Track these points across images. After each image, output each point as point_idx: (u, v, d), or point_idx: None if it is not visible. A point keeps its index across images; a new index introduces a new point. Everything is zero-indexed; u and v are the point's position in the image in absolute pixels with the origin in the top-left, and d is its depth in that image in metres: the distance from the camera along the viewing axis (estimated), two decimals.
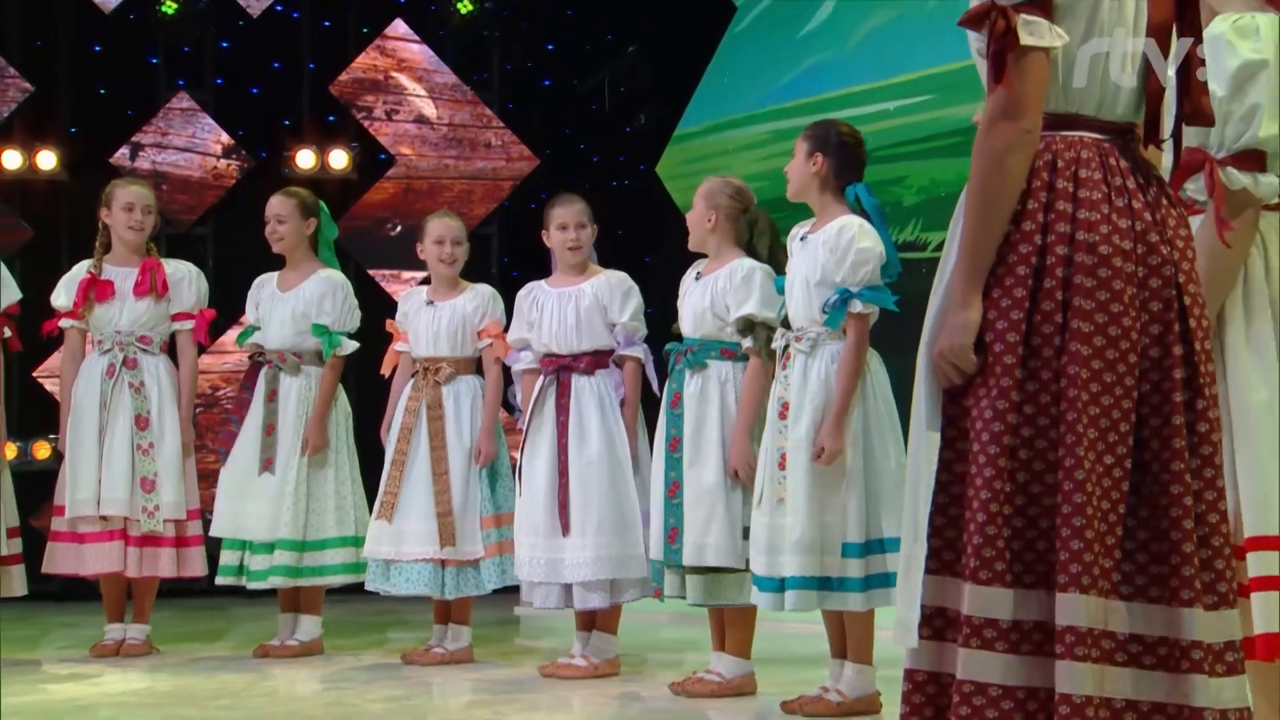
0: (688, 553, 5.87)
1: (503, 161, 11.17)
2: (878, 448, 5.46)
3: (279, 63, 11.20)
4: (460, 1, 11.05)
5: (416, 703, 6.09)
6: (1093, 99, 3.11)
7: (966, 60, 9.75)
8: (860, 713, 5.47)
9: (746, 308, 5.87)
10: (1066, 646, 2.93)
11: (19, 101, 10.83)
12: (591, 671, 6.50)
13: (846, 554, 5.38)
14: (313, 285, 7.37)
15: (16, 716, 5.95)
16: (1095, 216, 3.03)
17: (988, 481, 2.99)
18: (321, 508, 7.28)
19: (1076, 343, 2.99)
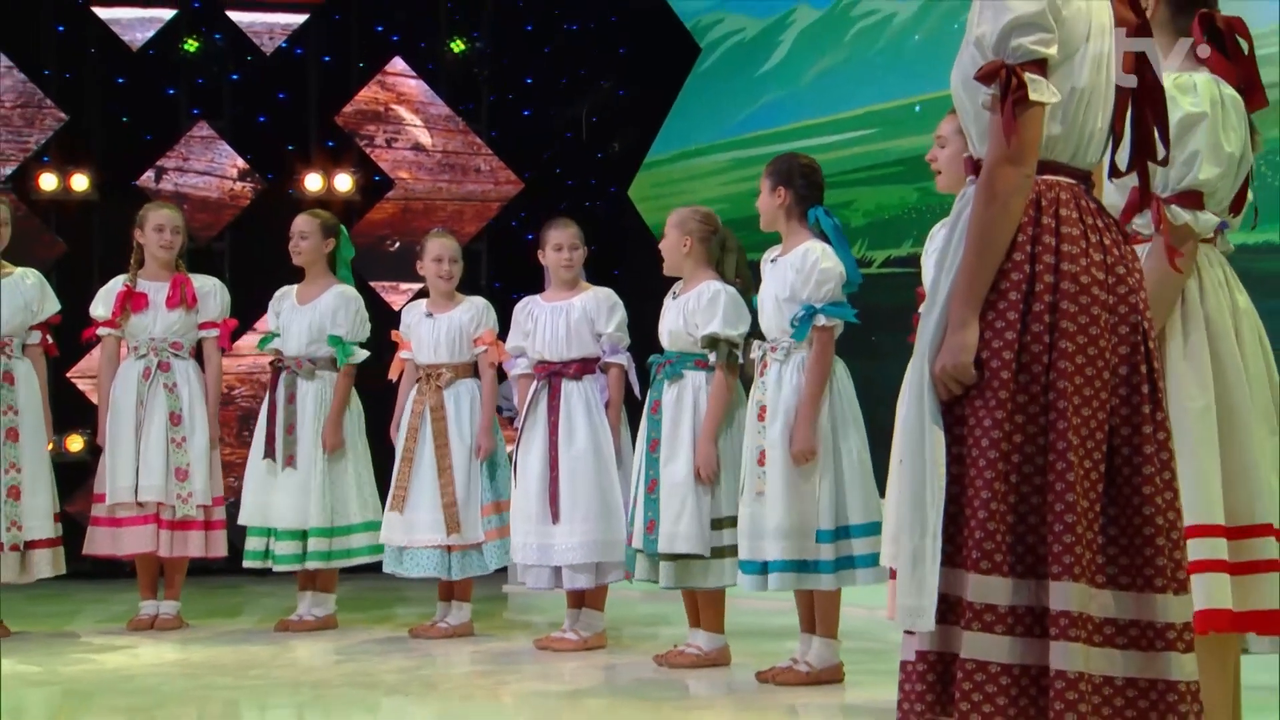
0: (662, 541, 5.89)
1: (491, 185, 11.16)
2: (843, 444, 5.49)
3: (289, 95, 11.17)
4: (453, 41, 11.08)
5: (426, 672, 6.10)
6: (1069, 148, 3.14)
7: (905, 99, 9.86)
8: (826, 681, 5.51)
9: (711, 327, 5.90)
10: (1061, 629, 2.95)
11: (54, 130, 10.79)
12: (581, 645, 6.52)
13: (820, 539, 5.41)
14: (329, 299, 7.37)
15: (72, 683, 5.96)
16: (1075, 250, 3.07)
17: (988, 483, 3.01)
18: (345, 497, 7.30)
19: (1064, 360, 3.02)
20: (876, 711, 5.04)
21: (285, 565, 7.29)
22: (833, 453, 5.46)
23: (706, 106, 10.71)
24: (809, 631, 5.59)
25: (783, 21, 10.30)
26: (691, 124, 10.80)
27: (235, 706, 5.56)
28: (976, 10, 3.09)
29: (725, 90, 10.59)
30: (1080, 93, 3.12)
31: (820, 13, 10.10)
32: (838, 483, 5.45)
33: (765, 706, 5.19)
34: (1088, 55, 3.12)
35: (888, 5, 9.74)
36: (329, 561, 7.27)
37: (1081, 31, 3.10)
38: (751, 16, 10.50)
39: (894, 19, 9.71)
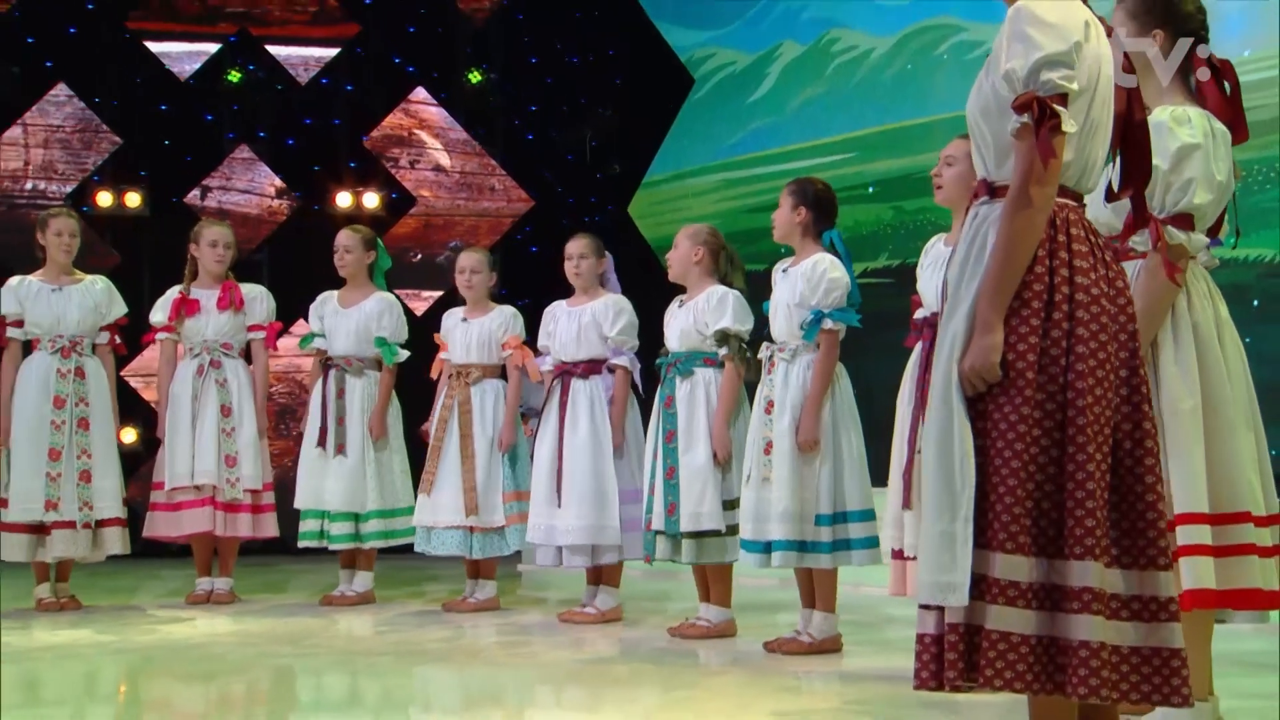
0: (685, 520, 5.88)
1: (504, 202, 11.19)
2: (843, 437, 5.47)
3: (321, 121, 11.15)
4: (470, 73, 11.08)
5: (465, 642, 6.10)
6: (1075, 174, 3.15)
7: (880, 126, 9.86)
8: (827, 650, 5.51)
9: (722, 323, 5.92)
10: (1084, 603, 2.95)
11: (110, 152, 10.79)
12: (600, 618, 6.51)
13: (819, 523, 5.41)
14: (372, 304, 7.40)
15: (147, 651, 5.94)
16: (1086, 265, 3.08)
17: (1013, 471, 3.02)
18: (394, 482, 7.34)
19: (1080, 363, 3.03)
20: (873, 677, 5.04)
21: (340, 544, 7.29)
22: (833, 444, 5.45)
23: (700, 132, 10.74)
24: (810, 606, 5.58)
25: (769, 56, 10.33)
26: (686, 148, 10.83)
27: (301, 673, 5.52)
28: (1005, 47, 3.09)
29: (717, 117, 10.62)
30: (1090, 124, 3.14)
31: (804, 48, 10.14)
32: (836, 471, 5.44)
33: (772, 673, 5.17)
34: (1098, 92, 3.14)
35: (865, 42, 9.78)
36: (386, 540, 7.31)
37: (1095, 69, 3.12)
38: (741, 51, 10.53)
39: (870, 54, 9.74)
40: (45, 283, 7.22)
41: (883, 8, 9.68)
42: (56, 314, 7.15)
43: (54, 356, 7.11)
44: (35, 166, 10.74)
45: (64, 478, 7.02)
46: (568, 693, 5.00)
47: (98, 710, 4.96)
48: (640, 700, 4.74)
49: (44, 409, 7.04)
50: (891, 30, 9.61)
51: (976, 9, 9.16)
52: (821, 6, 10.05)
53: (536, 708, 4.88)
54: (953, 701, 4.50)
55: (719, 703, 4.59)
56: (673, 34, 10.96)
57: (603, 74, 11.55)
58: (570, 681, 5.17)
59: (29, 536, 7.02)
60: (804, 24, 10.13)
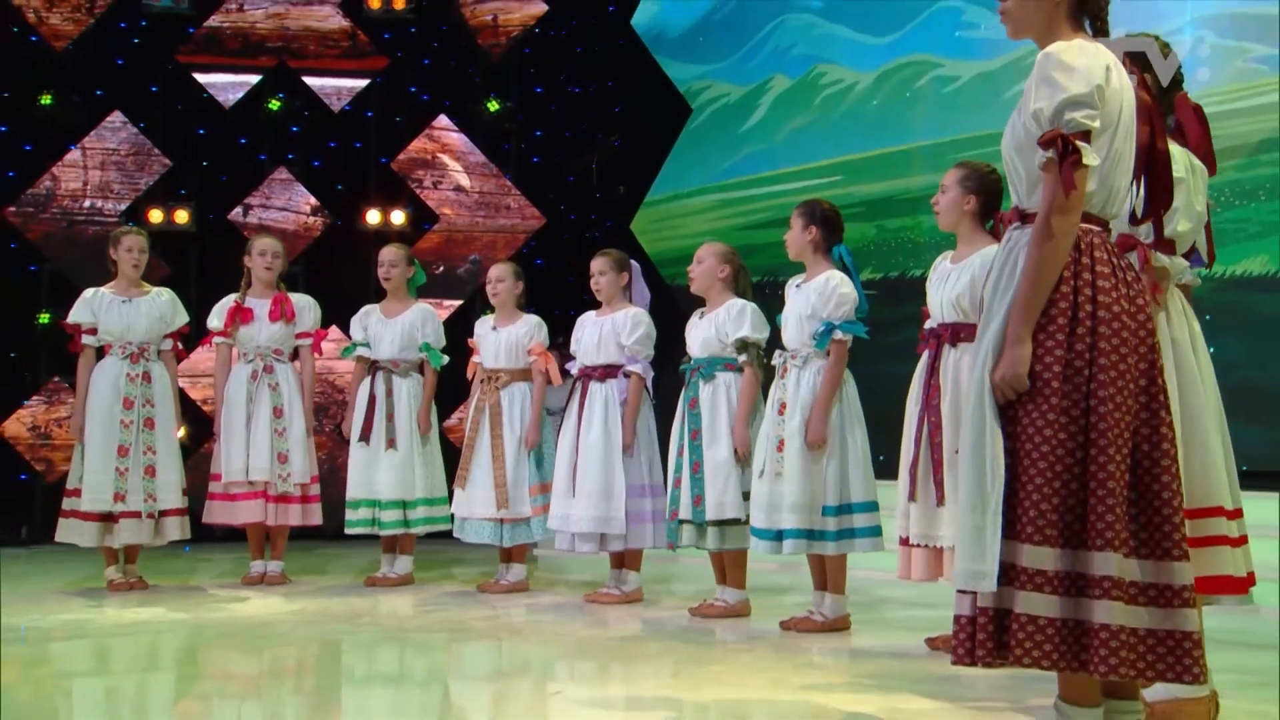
0: (710, 510, 5.89)
1: (518, 220, 11.18)
2: (849, 435, 5.49)
3: (352, 145, 11.14)
4: (489, 102, 11.07)
5: (505, 621, 6.09)
6: (1100, 201, 3.17)
7: (864, 153, 9.88)
8: (838, 629, 5.54)
9: (742, 332, 5.94)
10: (1104, 590, 2.98)
11: (160, 173, 10.77)
12: (623, 599, 6.51)
13: (825, 513, 5.43)
14: (414, 314, 7.41)
15: (224, 627, 5.93)
16: (1108, 285, 3.11)
17: (1040, 471, 3.04)
18: (437, 473, 7.34)
19: (1101, 374, 3.05)
20: (879, 653, 5.06)
21: (390, 530, 7.28)
22: (840, 442, 5.47)
23: (697, 156, 10.75)
24: (821, 589, 5.60)
25: (762, 88, 10.35)
26: (684, 170, 10.84)
27: (358, 647, 5.50)
28: (1033, 88, 3.11)
29: (713, 143, 10.64)
30: (1113, 156, 3.16)
31: (793, 81, 10.16)
32: (842, 466, 5.46)
33: (790, 649, 5.18)
34: (1120, 129, 3.16)
35: (849, 77, 9.80)
36: (430, 525, 7.31)
37: (1116, 107, 3.14)
38: (735, 84, 10.55)
39: (854, 88, 9.77)
40: (116, 295, 7.20)
41: (866, 45, 9.71)
42: (126, 323, 7.13)
43: (124, 361, 7.10)
44: (93, 186, 10.71)
45: (131, 472, 7.02)
46: (613, 667, 5.00)
47: (209, 679, 4.93)
48: (682, 674, 4.72)
49: (114, 409, 7.02)
50: (873, 66, 9.65)
51: (951, 47, 9.21)
52: (809, 44, 10.07)
53: (589, 680, 4.85)
54: (956, 675, 4.55)
55: (754, 678, 4.58)
56: (673, 68, 10.97)
57: (609, 104, 11.56)
58: (610, 657, 5.18)
59: (99, 524, 7.01)
60: (793, 59, 10.15)
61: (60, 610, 6.38)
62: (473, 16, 11.21)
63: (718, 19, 10.67)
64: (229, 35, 10.93)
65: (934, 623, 5.68)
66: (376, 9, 10.91)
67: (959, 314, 4.97)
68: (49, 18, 10.68)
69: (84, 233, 10.66)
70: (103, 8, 10.73)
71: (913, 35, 9.42)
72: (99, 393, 7.04)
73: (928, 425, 5.00)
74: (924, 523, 5.00)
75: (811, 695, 4.27)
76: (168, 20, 10.79)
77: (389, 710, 4.39)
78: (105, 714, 4.42)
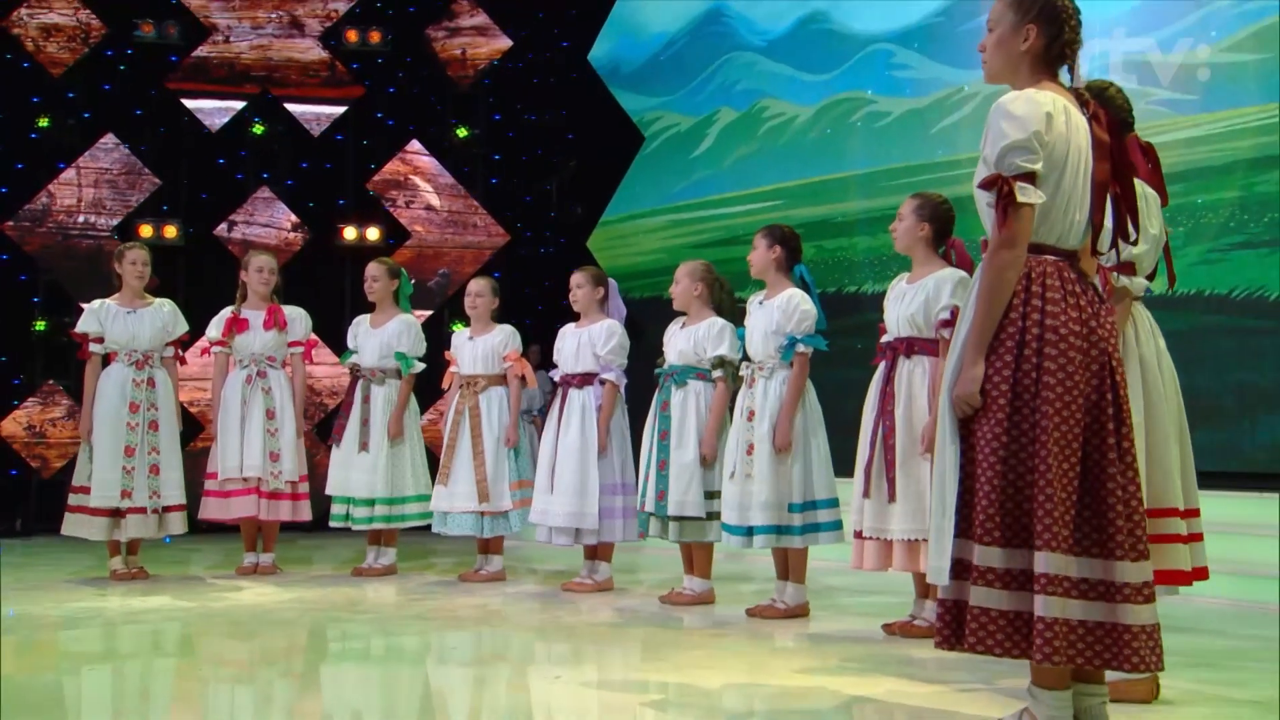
0: (672, 506, 5.90)
1: (484, 237, 11.14)
2: (812, 439, 5.52)
3: (331, 167, 11.06)
4: (458, 128, 11.04)
5: (491, 608, 6.04)
6: (1054, 234, 3.20)
7: (803, 179, 9.91)
8: (799, 615, 5.57)
9: (720, 350, 5.93)
10: (1042, 585, 3.03)
11: (150, 191, 10.63)
12: (595, 588, 6.51)
13: (791, 510, 5.46)
14: (394, 325, 7.32)
15: (228, 613, 5.86)
16: (1057, 309, 3.14)
17: (989, 479, 3.10)
18: (403, 474, 7.24)
19: (1046, 390, 3.09)
20: (836, 638, 5.08)
21: (360, 525, 7.23)
22: (803, 445, 5.49)
23: (649, 180, 10.78)
24: (783, 578, 5.62)
25: (710, 119, 10.39)
26: (637, 193, 10.86)
27: (364, 632, 5.44)
28: (986, 135, 3.18)
29: (664, 169, 10.67)
30: (1063, 195, 3.19)
31: (739, 114, 10.21)
32: (806, 467, 5.48)
33: (754, 635, 5.19)
34: (1067, 168, 3.19)
35: (790, 110, 9.87)
36: (389, 523, 7.22)
37: (1062, 150, 3.17)
38: (685, 114, 10.59)
39: (795, 120, 9.83)
40: (121, 306, 7.09)
41: (805, 82, 9.77)
42: (131, 332, 7.03)
43: (129, 368, 6.99)
44: (86, 203, 10.55)
45: (137, 470, 6.92)
46: (609, 652, 4.91)
47: (228, 660, 4.86)
48: (669, 659, 4.67)
49: (121, 412, 6.92)
50: (813, 100, 9.72)
51: (883, 85, 9.29)
52: (754, 80, 10.12)
53: (566, 662, 4.77)
54: (918, 658, 4.60)
55: (738, 661, 4.57)
56: (628, 99, 11.00)
57: (565, 131, 11.55)
58: (596, 641, 5.12)
59: (107, 519, 6.91)
60: (739, 94, 10.20)
61: (73, 599, 6.28)
62: (443, 50, 11.16)
63: (669, 56, 10.70)
64: (215, 64, 10.81)
65: (885, 609, 5.75)
66: (354, 42, 10.85)
67: (914, 329, 5.03)
68: (46, 46, 10.51)
69: (78, 246, 10.50)
70: (96, 38, 10.58)
71: (848, 74, 9.50)
72: (106, 397, 6.94)
73: (882, 429, 5.05)
74: (876, 517, 5.05)
75: (794, 679, 4.27)
76: (157, 50, 10.65)
77: (386, 688, 4.36)
78: (147, 690, 4.37)
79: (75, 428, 10.32)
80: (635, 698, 4.03)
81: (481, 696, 4.26)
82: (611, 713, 3.86)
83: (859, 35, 9.44)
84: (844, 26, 9.55)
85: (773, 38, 10.01)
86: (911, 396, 5.01)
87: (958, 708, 3.79)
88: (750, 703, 3.98)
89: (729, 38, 10.26)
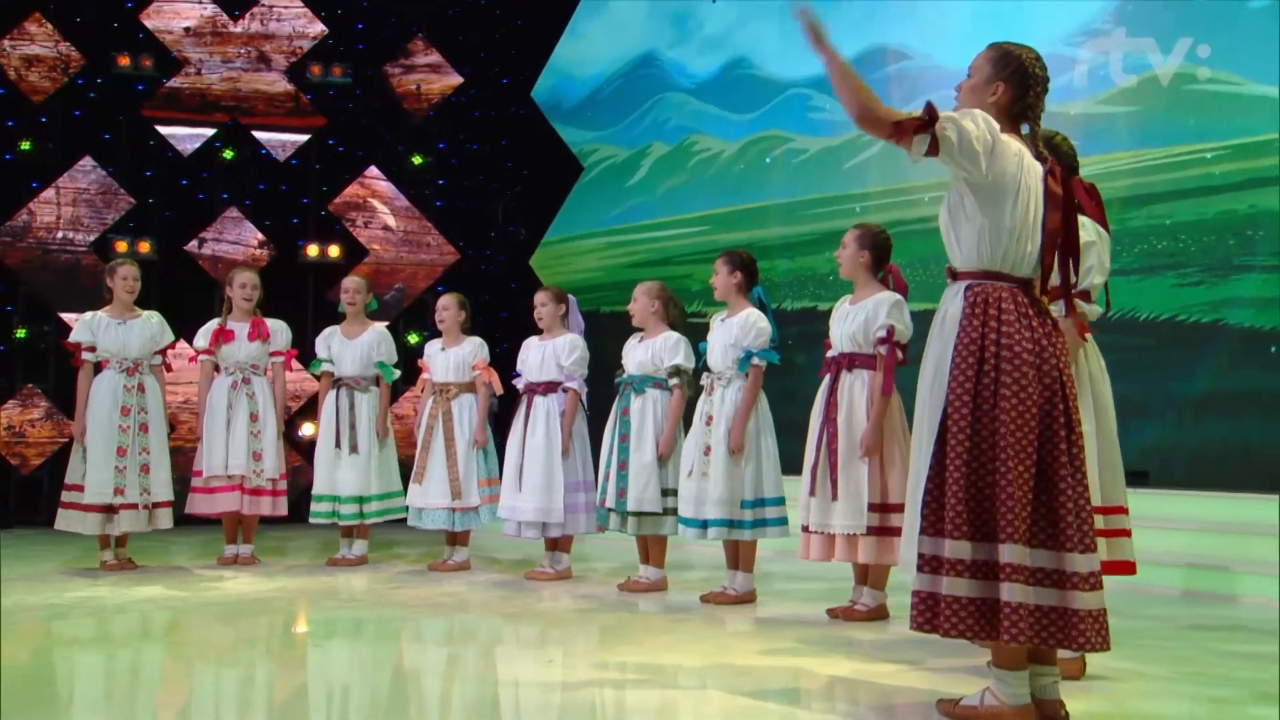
0: (632, 502, 5.89)
1: (436, 255, 11.03)
2: (763, 443, 5.53)
3: (295, 190, 10.88)
4: (413, 157, 10.93)
5: (462, 597, 5.97)
6: (1009, 262, 3.26)
7: (728, 207, 9.99)
8: (747, 601, 5.59)
9: (676, 360, 5.94)
10: (1007, 574, 3.10)
11: (125, 210, 10.37)
12: (555, 577, 6.47)
13: (743, 506, 5.47)
14: (371, 335, 7.25)
15: (218, 602, 5.73)
16: (1011, 330, 3.21)
17: (956, 480, 3.16)
18: (390, 471, 7.18)
19: (1004, 402, 3.17)
20: (780, 621, 5.12)
21: (349, 520, 7.13)
22: (755, 448, 5.51)
23: (587, 206, 10.76)
24: (734, 568, 5.64)
25: (643, 152, 10.41)
26: (577, 217, 10.84)
27: (357, 619, 5.36)
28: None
29: (601, 196, 10.67)
30: (1016, 224, 3.24)
31: (670, 148, 10.25)
32: (757, 468, 5.50)
33: (709, 619, 5.20)
34: (1019, 200, 3.23)
35: (717, 145, 9.92)
36: (381, 517, 7.15)
37: (1015, 179, 3.20)
38: (621, 147, 10.60)
39: (721, 154, 9.89)
40: (112, 317, 6.92)
41: (731, 121, 9.84)
42: (122, 342, 6.87)
43: (121, 375, 6.83)
44: (65, 220, 10.25)
45: (128, 469, 6.76)
46: (576, 636, 4.87)
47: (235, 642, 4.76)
48: (636, 641, 4.66)
49: (113, 416, 6.75)
50: (737, 137, 9.78)
51: (802, 125, 9.39)
52: (684, 117, 10.16)
53: (531, 644, 4.70)
54: (857, 640, 4.65)
55: (703, 645, 4.57)
56: (568, 133, 10.98)
57: (505, 159, 11.49)
58: (561, 625, 5.07)
59: (101, 515, 6.75)
60: (670, 129, 10.23)
61: (71, 589, 6.11)
62: (399, 85, 11.05)
63: (607, 94, 10.70)
64: (188, 95, 10.59)
65: (822, 593, 5.80)
66: (317, 76, 10.69)
67: (855, 345, 5.10)
68: (28, 75, 10.22)
69: (56, 259, 10.22)
70: (75, 68, 10.31)
71: (769, 114, 9.58)
72: (99, 402, 6.77)
73: (826, 435, 5.10)
74: (821, 514, 5.09)
75: (757, 659, 4.28)
76: (132, 80, 10.41)
77: (371, 667, 4.33)
78: (156, 671, 4.27)
79: (53, 428, 10.07)
80: (602, 675, 4.04)
81: (453, 674, 4.23)
82: (580, 689, 3.83)
83: (779, 80, 9.53)
84: (765, 72, 9.63)
85: (701, 80, 10.06)
86: (852, 406, 5.07)
87: (906, 683, 3.85)
88: (723, 680, 3.96)
89: (661, 80, 10.28)
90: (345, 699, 3.89)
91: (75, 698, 3.88)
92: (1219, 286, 7.29)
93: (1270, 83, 7.05)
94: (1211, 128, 7.30)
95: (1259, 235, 7.17)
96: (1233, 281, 7.26)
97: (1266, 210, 7.13)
